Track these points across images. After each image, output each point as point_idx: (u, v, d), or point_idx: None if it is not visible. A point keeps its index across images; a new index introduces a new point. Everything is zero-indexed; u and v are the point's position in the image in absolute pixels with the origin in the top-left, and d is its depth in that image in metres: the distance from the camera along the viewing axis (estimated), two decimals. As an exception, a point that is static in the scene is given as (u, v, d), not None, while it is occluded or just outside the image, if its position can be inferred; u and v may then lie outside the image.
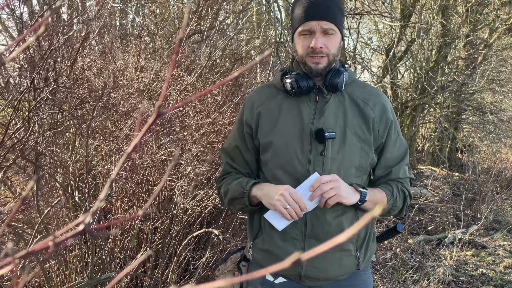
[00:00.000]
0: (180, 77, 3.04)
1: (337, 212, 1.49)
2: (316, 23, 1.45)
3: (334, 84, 1.49)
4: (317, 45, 1.45)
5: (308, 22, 1.46)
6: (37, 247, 0.36)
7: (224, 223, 3.12)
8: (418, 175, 7.55)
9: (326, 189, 1.40)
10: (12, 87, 2.47)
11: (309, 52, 1.47)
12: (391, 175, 1.58)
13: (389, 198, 1.52)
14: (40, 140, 2.13)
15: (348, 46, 6.45)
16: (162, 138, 2.75)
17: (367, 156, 1.52)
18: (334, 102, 1.53)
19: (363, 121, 1.52)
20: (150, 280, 2.57)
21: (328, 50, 1.47)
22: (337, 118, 1.50)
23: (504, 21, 7.34)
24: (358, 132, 1.51)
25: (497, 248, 4.91)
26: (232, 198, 1.58)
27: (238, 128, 1.63)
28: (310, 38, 1.47)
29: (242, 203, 1.55)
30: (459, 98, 8.02)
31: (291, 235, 1.51)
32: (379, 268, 4.08)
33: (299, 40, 1.50)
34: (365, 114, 1.52)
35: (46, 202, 2.54)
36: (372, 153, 1.53)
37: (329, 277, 1.52)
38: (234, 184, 1.58)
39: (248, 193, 1.52)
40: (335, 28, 1.47)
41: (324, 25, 1.45)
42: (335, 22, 1.47)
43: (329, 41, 1.47)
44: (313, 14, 1.45)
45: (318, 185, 1.41)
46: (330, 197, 1.41)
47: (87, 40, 2.65)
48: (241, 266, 1.69)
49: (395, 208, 1.57)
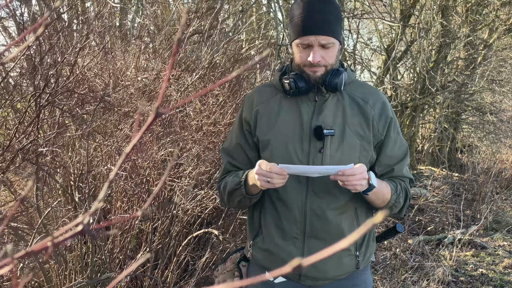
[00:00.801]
0: (180, 77, 3.04)
1: (337, 211, 1.49)
2: (314, 38, 1.44)
3: (333, 84, 1.48)
4: (315, 59, 1.45)
5: (306, 37, 1.44)
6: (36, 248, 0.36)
7: (224, 224, 3.12)
8: (418, 176, 7.56)
9: (352, 181, 1.37)
10: (11, 87, 2.47)
11: (307, 64, 1.47)
12: (394, 172, 1.57)
13: (393, 193, 1.51)
14: (42, 141, 2.13)
15: (348, 46, 6.45)
16: (162, 138, 2.75)
17: (367, 154, 1.52)
18: (333, 101, 1.53)
19: (363, 119, 1.52)
20: (150, 281, 2.57)
21: (326, 62, 1.47)
22: (336, 116, 1.51)
23: (503, 21, 7.34)
24: (357, 130, 1.51)
25: (497, 248, 4.91)
26: (231, 190, 1.57)
27: (238, 126, 1.63)
28: (308, 51, 1.46)
29: (240, 193, 1.53)
30: (459, 98, 8.02)
31: (291, 234, 1.50)
32: (378, 268, 4.08)
33: (297, 50, 1.50)
34: (365, 112, 1.52)
35: (46, 203, 2.54)
36: (372, 150, 1.53)
37: (329, 277, 1.52)
38: (232, 177, 1.58)
39: (245, 181, 1.51)
40: (334, 40, 1.46)
41: (322, 40, 1.44)
42: (334, 34, 1.46)
43: (327, 53, 1.47)
44: (310, 29, 1.44)
45: (350, 173, 1.36)
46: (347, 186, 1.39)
47: (88, 40, 2.65)
48: (240, 266, 1.68)
49: (397, 205, 1.55)
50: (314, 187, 1.48)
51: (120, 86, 2.75)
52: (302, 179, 1.49)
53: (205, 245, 3.04)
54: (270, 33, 5.32)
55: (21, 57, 2.00)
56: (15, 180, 2.88)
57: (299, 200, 1.49)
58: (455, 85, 7.43)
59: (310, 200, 1.48)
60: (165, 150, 2.66)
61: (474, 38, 7.46)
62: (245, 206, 1.64)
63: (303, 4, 1.46)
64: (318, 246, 1.49)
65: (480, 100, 8.91)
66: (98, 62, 2.76)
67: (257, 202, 1.59)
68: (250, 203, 1.58)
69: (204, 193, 2.71)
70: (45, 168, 2.36)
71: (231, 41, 3.79)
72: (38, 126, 2.02)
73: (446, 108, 7.70)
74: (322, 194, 1.49)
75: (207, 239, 3.09)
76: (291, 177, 1.48)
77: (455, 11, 7.07)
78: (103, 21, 3.14)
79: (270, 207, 1.55)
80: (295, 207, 1.49)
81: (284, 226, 1.51)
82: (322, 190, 1.49)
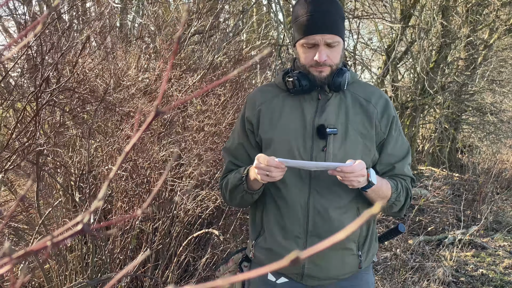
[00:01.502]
0: (181, 78, 3.03)
1: (340, 210, 1.49)
2: (320, 37, 1.44)
3: (337, 83, 1.49)
4: (321, 59, 1.45)
5: (312, 36, 1.45)
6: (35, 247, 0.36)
7: (224, 224, 3.12)
8: (419, 176, 7.55)
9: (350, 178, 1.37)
10: (12, 87, 2.47)
11: (313, 64, 1.48)
12: (395, 170, 1.57)
13: (393, 191, 1.51)
14: (43, 141, 2.13)
15: (348, 46, 6.45)
16: (163, 139, 2.75)
17: (369, 153, 1.52)
18: (336, 100, 1.53)
19: (365, 118, 1.52)
20: (150, 281, 2.57)
21: (332, 61, 1.48)
22: (338, 115, 1.51)
23: (504, 22, 7.34)
24: (360, 129, 1.51)
25: (497, 248, 4.91)
26: (232, 187, 1.57)
27: (240, 126, 1.63)
28: (313, 50, 1.47)
29: (241, 189, 1.53)
30: (459, 98, 8.02)
31: (293, 233, 1.50)
32: (379, 268, 4.07)
33: (302, 50, 1.50)
34: (368, 111, 1.53)
35: (46, 202, 2.54)
36: (374, 149, 1.53)
37: (331, 276, 1.52)
38: (233, 174, 1.58)
39: (246, 176, 1.51)
40: (339, 39, 1.47)
41: (328, 39, 1.45)
42: (339, 33, 1.47)
43: (333, 52, 1.48)
44: (316, 28, 1.45)
45: (348, 171, 1.37)
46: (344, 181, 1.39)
47: (88, 40, 2.65)
48: (243, 266, 1.68)
49: (397, 203, 1.54)
50: (316, 186, 1.48)
51: (121, 86, 2.75)
52: (304, 178, 1.49)
53: (205, 246, 3.04)
54: (270, 33, 5.32)
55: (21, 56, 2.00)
56: (15, 180, 2.88)
57: (301, 199, 1.49)
58: (455, 86, 7.42)
59: (312, 199, 1.48)
60: (166, 151, 2.66)
61: (474, 39, 7.45)
62: (247, 204, 1.63)
63: (307, 5, 1.46)
64: None
65: (480, 101, 8.90)
66: (99, 62, 2.76)
67: (259, 201, 1.58)
68: (252, 199, 1.57)
69: (205, 193, 2.71)
70: (45, 168, 2.36)
71: (231, 41, 3.79)
72: (38, 125, 2.02)
73: (446, 109, 7.69)
74: (325, 192, 1.48)
75: (208, 239, 3.08)
76: (293, 175, 1.48)
77: (455, 11, 7.06)
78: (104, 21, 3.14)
79: (272, 206, 1.55)
80: (298, 206, 1.49)
81: (287, 225, 1.51)
82: (325, 189, 1.48)
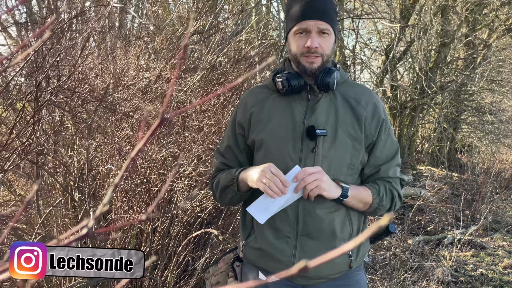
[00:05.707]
0: (181, 78, 3.03)
1: (329, 210, 1.50)
2: (313, 23, 1.46)
3: (325, 83, 1.49)
4: (313, 44, 1.46)
5: (305, 21, 1.47)
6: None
7: (223, 224, 3.12)
8: (418, 176, 7.56)
9: (309, 181, 1.41)
10: (12, 87, 2.47)
11: (304, 52, 1.49)
12: (380, 173, 1.57)
13: (375, 197, 1.52)
14: (43, 140, 2.13)
15: (347, 46, 6.46)
16: (163, 139, 2.75)
17: (358, 155, 1.52)
18: (325, 100, 1.54)
19: (355, 119, 1.53)
20: (149, 281, 2.58)
21: (323, 50, 1.49)
22: (328, 116, 1.52)
23: (503, 22, 7.36)
24: (349, 131, 1.52)
25: (496, 248, 4.92)
26: (223, 187, 1.59)
27: (231, 129, 1.65)
28: (305, 37, 1.48)
29: (232, 190, 1.56)
30: (458, 98, 8.03)
31: (283, 233, 1.51)
32: (378, 268, 4.08)
33: (294, 39, 1.51)
34: (357, 112, 1.53)
35: (45, 202, 2.54)
36: (363, 151, 1.54)
37: (322, 276, 1.53)
38: (225, 174, 1.60)
39: (237, 178, 1.53)
40: (331, 29, 1.49)
41: (321, 25, 1.47)
42: (331, 23, 1.49)
43: (324, 41, 1.49)
44: (310, 14, 1.47)
45: (302, 176, 1.42)
46: (312, 189, 1.42)
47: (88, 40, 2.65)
48: (235, 266, 1.68)
49: (381, 208, 1.56)
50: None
51: (121, 86, 2.75)
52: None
53: (205, 245, 3.04)
54: (270, 33, 5.32)
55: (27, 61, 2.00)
56: (15, 180, 2.88)
57: None
58: (454, 85, 7.43)
59: (303, 199, 1.49)
60: (166, 151, 2.66)
61: (473, 38, 7.46)
62: (237, 203, 1.69)
63: None
64: (311, 245, 1.50)
65: (479, 100, 8.92)
66: (99, 62, 2.76)
67: (249, 201, 1.59)
68: (241, 200, 1.62)
69: (204, 193, 2.71)
70: (45, 168, 2.36)
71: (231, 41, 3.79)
72: (38, 124, 2.02)
73: (445, 108, 7.70)
74: None
75: (207, 239, 3.09)
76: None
77: (454, 11, 7.07)
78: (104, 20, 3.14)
79: None
80: (288, 206, 1.50)
81: (277, 224, 1.52)
82: None
